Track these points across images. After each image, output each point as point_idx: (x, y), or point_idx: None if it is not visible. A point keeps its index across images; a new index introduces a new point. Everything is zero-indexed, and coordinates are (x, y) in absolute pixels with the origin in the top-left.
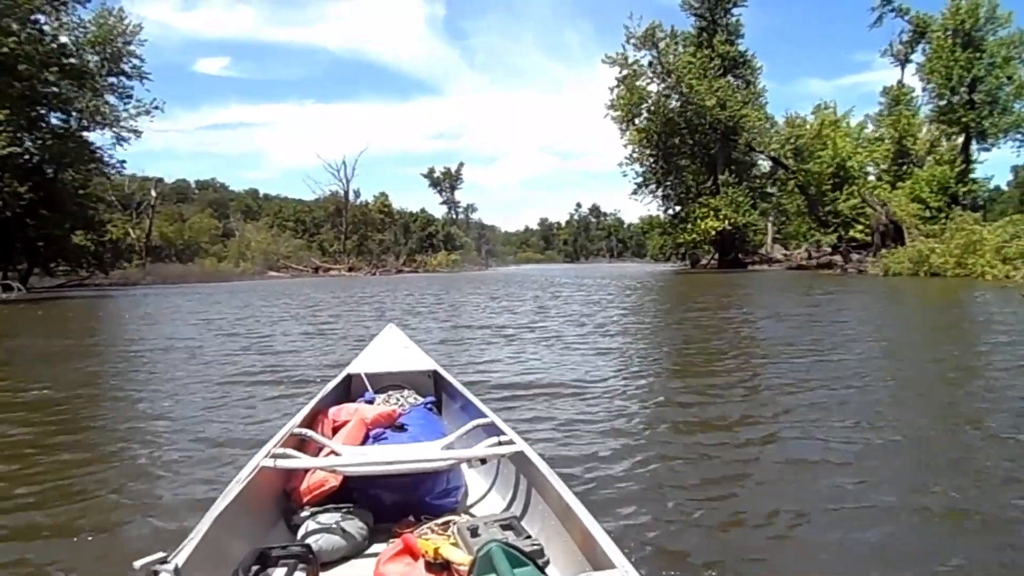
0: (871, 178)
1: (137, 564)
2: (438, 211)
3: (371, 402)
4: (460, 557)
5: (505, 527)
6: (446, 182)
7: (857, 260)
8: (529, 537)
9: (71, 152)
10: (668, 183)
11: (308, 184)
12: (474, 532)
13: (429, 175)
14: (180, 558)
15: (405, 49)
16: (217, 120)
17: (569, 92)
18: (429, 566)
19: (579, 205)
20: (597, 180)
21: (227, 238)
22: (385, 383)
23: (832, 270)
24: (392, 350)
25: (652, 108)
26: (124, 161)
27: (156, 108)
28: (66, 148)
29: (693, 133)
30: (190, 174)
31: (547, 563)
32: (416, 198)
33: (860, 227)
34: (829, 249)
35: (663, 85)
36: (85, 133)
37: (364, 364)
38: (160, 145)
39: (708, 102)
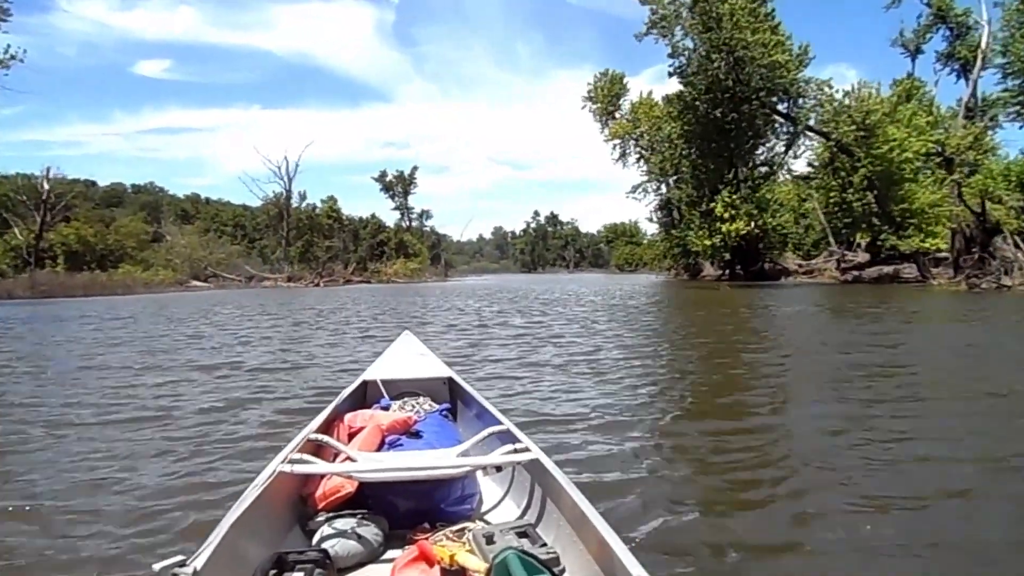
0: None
1: (156, 567)
2: (390, 218)
3: (387, 408)
4: (476, 564)
5: (520, 535)
6: (399, 186)
7: (993, 275)
8: (544, 545)
9: None
10: (699, 171)
11: (245, 183)
12: (489, 539)
13: (381, 179)
14: (199, 561)
15: (353, 55)
16: (159, 124)
17: (521, 102)
18: (445, 573)
19: (536, 213)
20: (551, 190)
21: (157, 243)
22: (401, 390)
23: (935, 284)
24: (408, 357)
25: (690, 69)
26: None
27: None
28: None
29: (740, 104)
30: (129, 180)
31: (563, 571)
32: (365, 207)
33: (915, 231)
34: (857, 258)
35: (703, 39)
36: None
37: (380, 371)
38: (97, 149)
39: (779, 56)
